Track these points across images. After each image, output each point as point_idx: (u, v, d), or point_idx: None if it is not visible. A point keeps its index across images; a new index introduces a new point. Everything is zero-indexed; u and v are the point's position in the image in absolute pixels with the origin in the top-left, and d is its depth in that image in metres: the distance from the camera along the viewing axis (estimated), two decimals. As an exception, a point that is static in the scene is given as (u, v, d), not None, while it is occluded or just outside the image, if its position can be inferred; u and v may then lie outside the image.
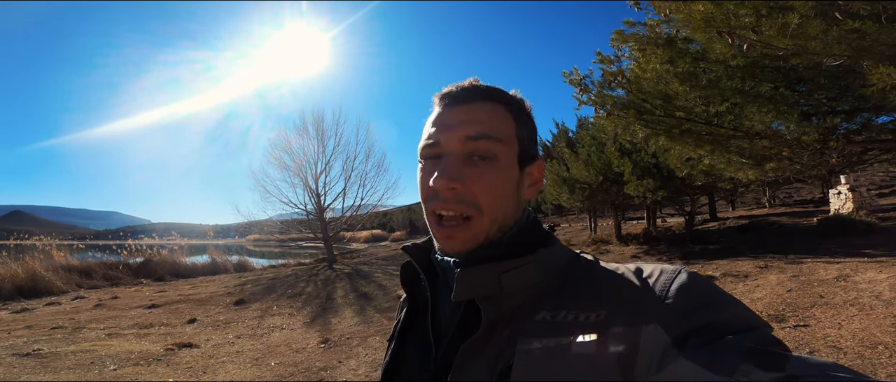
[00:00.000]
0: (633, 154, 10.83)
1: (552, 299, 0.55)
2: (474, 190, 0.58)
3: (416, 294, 0.69)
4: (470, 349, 0.54)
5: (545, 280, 0.58)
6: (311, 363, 4.91)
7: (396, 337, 0.68)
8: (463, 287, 0.56)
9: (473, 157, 0.59)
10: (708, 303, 0.48)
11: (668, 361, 0.44)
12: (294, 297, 9.54)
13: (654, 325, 0.47)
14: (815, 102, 4.45)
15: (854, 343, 3.67)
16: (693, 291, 0.50)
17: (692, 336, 0.45)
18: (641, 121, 4.57)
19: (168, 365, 4.96)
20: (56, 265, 12.15)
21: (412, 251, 0.68)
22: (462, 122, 0.60)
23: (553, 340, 0.51)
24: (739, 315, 0.47)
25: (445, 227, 0.59)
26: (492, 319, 0.54)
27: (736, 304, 0.48)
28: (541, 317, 0.54)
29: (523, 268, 0.57)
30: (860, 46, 2.95)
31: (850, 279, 5.40)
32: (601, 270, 0.58)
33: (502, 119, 0.61)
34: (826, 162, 5.01)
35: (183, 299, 9.63)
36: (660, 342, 0.46)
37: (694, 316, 0.47)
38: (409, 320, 0.68)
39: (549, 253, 0.60)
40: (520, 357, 0.51)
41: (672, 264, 0.55)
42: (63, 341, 5.95)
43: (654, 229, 13.56)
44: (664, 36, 4.19)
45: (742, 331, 0.44)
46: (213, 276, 14.48)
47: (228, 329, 6.83)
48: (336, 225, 18.96)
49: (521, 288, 0.56)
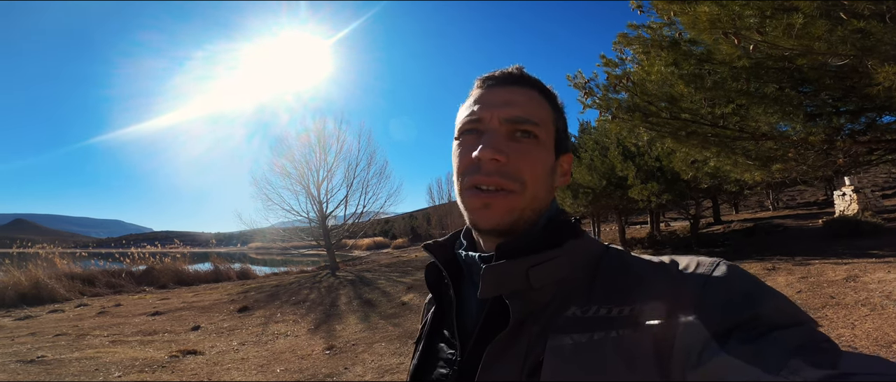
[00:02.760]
0: (636, 157, 10.82)
1: (583, 293, 0.53)
2: (520, 164, 0.57)
3: (441, 293, 0.67)
4: (497, 347, 0.52)
5: (575, 273, 0.56)
6: (317, 369, 4.88)
7: (424, 338, 0.67)
8: (489, 283, 0.54)
9: (516, 134, 0.59)
10: (750, 296, 0.46)
11: (708, 356, 0.42)
12: (298, 304, 9.52)
13: (692, 319, 0.45)
14: (821, 103, 4.44)
15: (868, 342, 3.65)
16: (733, 284, 0.48)
17: (734, 331, 0.43)
18: (647, 124, 4.57)
19: (173, 372, 4.94)
20: (59, 273, 12.15)
21: (434, 249, 0.67)
22: (506, 102, 0.60)
23: (585, 336, 0.49)
24: (784, 309, 0.45)
25: (484, 194, 0.57)
26: (520, 316, 0.52)
27: (780, 297, 0.46)
28: (571, 313, 0.52)
29: (553, 262, 0.55)
30: (865, 46, 2.94)
31: (859, 279, 5.36)
32: (634, 262, 0.56)
33: (541, 105, 0.62)
34: (832, 162, 4.99)
35: (186, 306, 9.62)
36: (698, 336, 0.44)
37: (735, 309, 0.45)
38: (436, 321, 0.67)
39: (578, 245, 0.58)
40: (551, 354, 0.49)
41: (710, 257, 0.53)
42: (67, 348, 5.94)
43: (659, 233, 13.52)
44: (668, 38, 4.19)
45: (788, 326, 0.42)
46: (216, 284, 14.46)
47: (233, 336, 6.81)
48: (338, 232, 18.97)
49: (550, 282, 0.54)
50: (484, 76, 0.65)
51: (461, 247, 0.66)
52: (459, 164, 0.61)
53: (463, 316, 0.62)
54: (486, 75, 0.65)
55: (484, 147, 0.56)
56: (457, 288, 0.63)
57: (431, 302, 0.72)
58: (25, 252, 15.67)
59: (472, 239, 0.66)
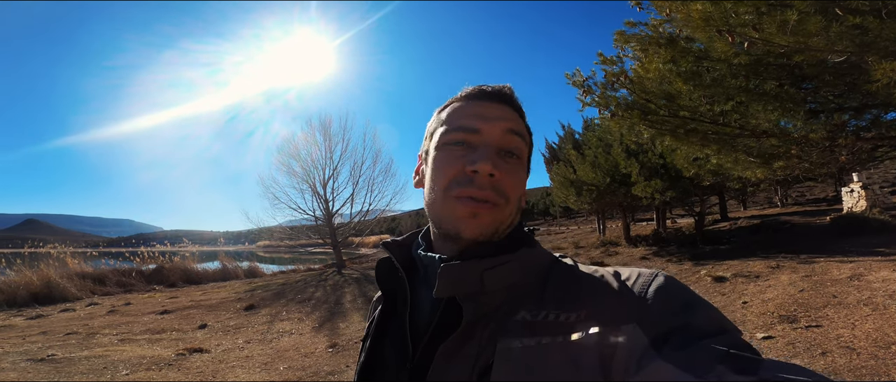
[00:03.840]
0: (639, 155, 10.77)
1: (533, 299, 0.56)
2: (507, 182, 0.60)
3: (392, 292, 0.68)
4: (449, 348, 0.54)
5: (526, 279, 0.58)
6: (320, 367, 4.94)
7: (371, 337, 0.67)
8: (446, 283, 0.55)
9: (503, 153, 0.61)
10: (684, 306, 0.49)
11: (646, 361, 0.45)
12: (303, 302, 9.61)
13: (633, 326, 0.48)
14: (822, 99, 4.41)
15: (867, 343, 3.62)
16: (670, 294, 0.51)
17: (669, 338, 0.46)
18: (646, 122, 4.55)
19: (179, 370, 5.02)
20: (70, 272, 12.33)
21: (392, 247, 0.68)
22: (503, 117, 0.62)
23: (534, 339, 0.51)
24: (714, 318, 0.48)
25: (475, 204, 0.58)
26: (472, 318, 0.54)
27: (710, 308, 0.50)
28: (521, 317, 0.54)
29: (506, 267, 0.57)
30: (863, 42, 2.92)
31: (863, 278, 5.31)
32: (581, 272, 0.59)
33: (523, 128, 0.65)
34: (835, 159, 4.95)
35: (194, 305, 9.74)
36: (638, 342, 0.47)
37: (671, 317, 0.48)
38: (384, 319, 0.67)
39: (531, 253, 0.60)
40: (500, 357, 0.51)
41: (652, 268, 0.57)
42: (77, 346, 6.05)
43: (664, 230, 13.44)
44: (666, 35, 4.18)
45: (716, 334, 0.45)
46: (224, 282, 14.61)
47: (238, 335, 6.89)
48: (344, 230, 19.03)
49: (502, 286, 0.56)
50: (475, 89, 0.66)
51: (419, 248, 0.67)
52: (446, 173, 0.61)
53: (415, 316, 0.63)
54: (478, 89, 0.65)
55: (484, 161, 0.58)
56: (413, 286, 0.64)
57: (379, 300, 0.72)
58: (37, 251, 15.93)
59: (430, 241, 0.68)
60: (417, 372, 0.57)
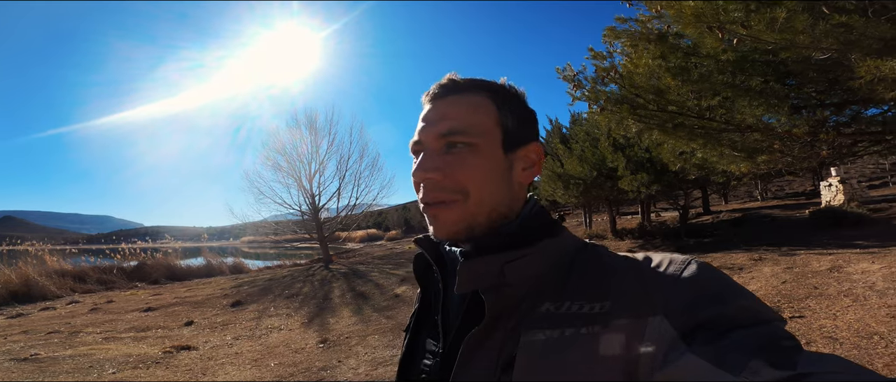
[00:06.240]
0: (626, 149, 10.89)
1: (557, 290, 0.55)
2: (457, 175, 0.58)
3: (428, 285, 0.70)
4: (473, 341, 0.54)
5: (550, 270, 0.57)
6: (311, 363, 4.92)
7: (411, 329, 0.69)
8: (465, 278, 0.56)
9: (450, 146, 0.60)
10: (718, 295, 0.46)
11: (674, 356, 0.43)
12: (291, 298, 9.54)
13: (660, 317, 0.46)
14: (805, 95, 4.51)
15: (850, 333, 3.73)
16: (702, 282, 0.48)
17: (700, 330, 0.44)
18: (635, 116, 4.61)
19: (167, 368, 4.96)
20: (50, 270, 12.04)
21: (423, 242, 0.69)
22: (440, 118, 0.61)
23: (557, 331, 0.50)
24: (750, 308, 0.45)
25: (431, 208, 0.60)
26: (495, 311, 0.54)
27: (747, 296, 0.47)
28: (545, 309, 0.53)
29: (527, 259, 0.56)
30: (847, 40, 2.99)
31: (843, 270, 5.48)
32: (608, 260, 0.57)
33: (480, 109, 0.62)
34: (816, 154, 5.07)
35: (179, 302, 9.60)
36: (665, 335, 0.45)
37: (702, 308, 0.45)
38: (422, 311, 0.69)
39: (554, 243, 0.59)
40: (523, 349, 0.50)
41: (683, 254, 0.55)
42: (60, 345, 5.93)
43: (649, 223, 13.65)
44: (656, 31, 4.23)
45: (752, 326, 0.43)
46: (209, 278, 14.42)
47: (226, 331, 6.82)
48: (331, 225, 18.94)
49: (525, 278, 0.55)
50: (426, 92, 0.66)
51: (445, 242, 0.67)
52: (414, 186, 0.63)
53: (448, 309, 0.64)
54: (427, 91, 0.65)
55: (416, 169, 0.60)
56: (445, 281, 0.65)
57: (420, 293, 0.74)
58: (15, 249, 15.52)
59: None
60: (447, 364, 0.57)
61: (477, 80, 0.64)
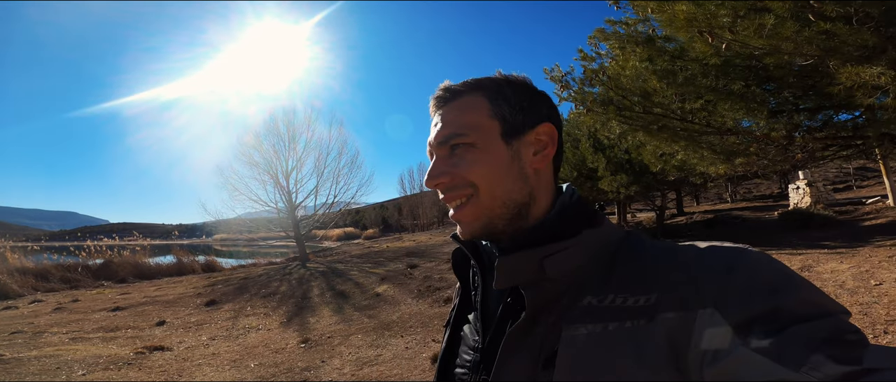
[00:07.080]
0: (606, 150, 11.07)
1: (599, 282, 0.52)
2: (462, 172, 0.59)
3: (467, 280, 0.69)
4: (513, 337, 0.53)
5: (591, 262, 0.54)
6: (293, 363, 4.81)
7: (451, 324, 0.68)
8: (504, 274, 0.54)
9: (453, 149, 0.61)
10: (774, 287, 0.43)
11: (727, 351, 0.41)
12: (268, 297, 9.34)
13: (711, 310, 0.43)
14: (783, 100, 4.65)
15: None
16: (758, 272, 0.45)
17: (755, 324, 0.41)
18: (620, 118, 4.68)
19: (140, 369, 4.77)
20: (10, 267, 11.49)
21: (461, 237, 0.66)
22: (441, 124, 0.62)
23: (600, 326, 0.48)
24: (810, 299, 0.42)
25: (454, 212, 0.61)
26: (535, 306, 0.52)
27: (808, 288, 0.44)
28: (587, 302, 0.51)
29: (567, 252, 0.54)
30: (828, 47, 3.09)
31: (813, 269, 5.67)
32: (654, 249, 0.54)
33: (471, 107, 0.61)
34: (791, 157, 5.25)
35: (149, 301, 9.28)
36: (717, 329, 0.42)
37: (758, 301, 0.42)
38: (463, 307, 0.69)
39: (595, 233, 0.56)
40: (565, 345, 0.49)
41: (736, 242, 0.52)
42: (24, 346, 5.63)
43: (626, 224, 13.91)
44: (643, 34, 4.29)
45: (813, 318, 0.40)
46: (180, 277, 13.98)
47: (201, 331, 6.62)
48: (308, 223, 18.62)
49: (565, 272, 0.53)
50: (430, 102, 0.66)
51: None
52: None
53: (487, 304, 0.63)
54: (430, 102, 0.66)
55: (426, 180, 0.62)
56: (483, 275, 0.64)
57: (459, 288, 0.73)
58: (-29, 245, 14.71)
59: None
60: (487, 359, 0.57)
61: (469, 82, 0.64)
